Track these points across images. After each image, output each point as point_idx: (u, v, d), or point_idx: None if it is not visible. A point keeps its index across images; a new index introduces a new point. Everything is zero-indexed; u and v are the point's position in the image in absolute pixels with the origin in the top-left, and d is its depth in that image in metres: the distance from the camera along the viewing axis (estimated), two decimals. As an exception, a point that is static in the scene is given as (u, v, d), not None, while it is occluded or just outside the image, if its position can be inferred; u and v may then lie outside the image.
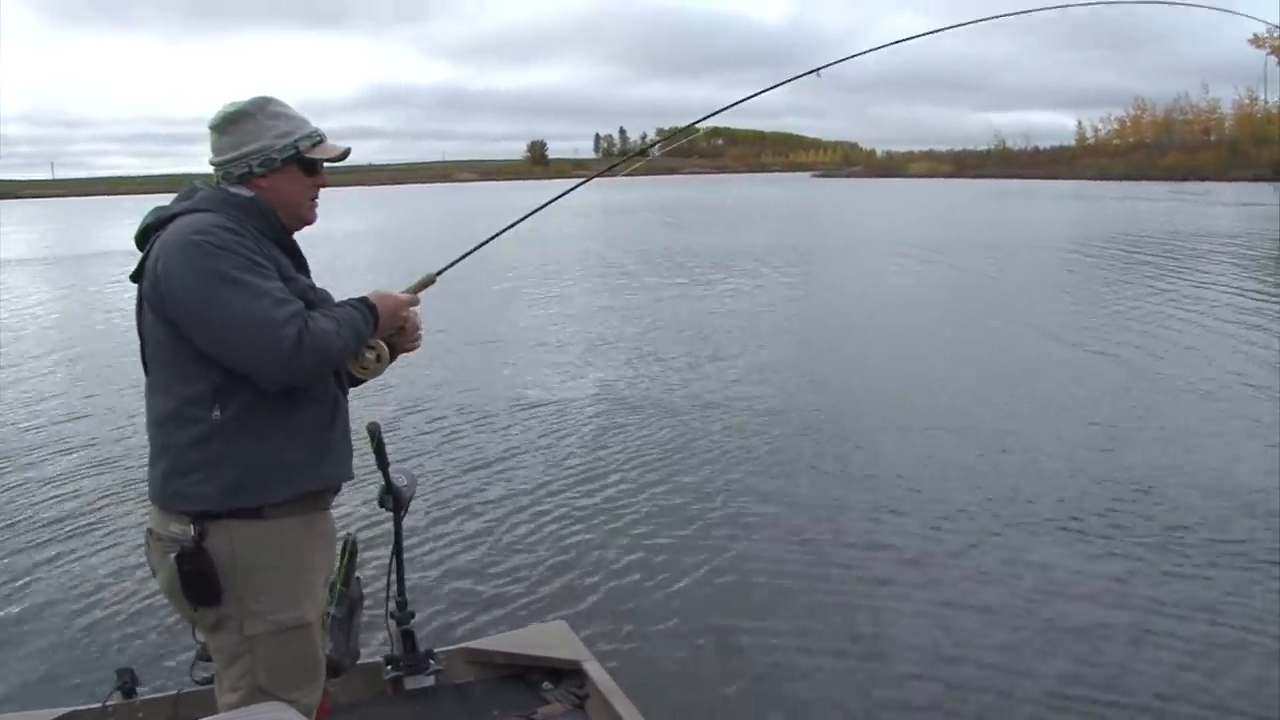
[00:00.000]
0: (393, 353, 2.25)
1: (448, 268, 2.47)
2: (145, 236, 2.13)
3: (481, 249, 2.60)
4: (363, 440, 2.55)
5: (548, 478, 6.40)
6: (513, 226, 2.69)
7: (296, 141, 2.16)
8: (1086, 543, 5.07)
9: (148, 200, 2.61)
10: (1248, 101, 78.31)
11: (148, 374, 2.13)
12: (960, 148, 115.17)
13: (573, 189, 2.98)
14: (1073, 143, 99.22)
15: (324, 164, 2.23)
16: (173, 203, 2.15)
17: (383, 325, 2.20)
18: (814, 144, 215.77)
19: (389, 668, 3.12)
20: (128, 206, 56.06)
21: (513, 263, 19.80)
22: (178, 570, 2.03)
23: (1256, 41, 66.07)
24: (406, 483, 3.01)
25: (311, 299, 2.12)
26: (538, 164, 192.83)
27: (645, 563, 4.98)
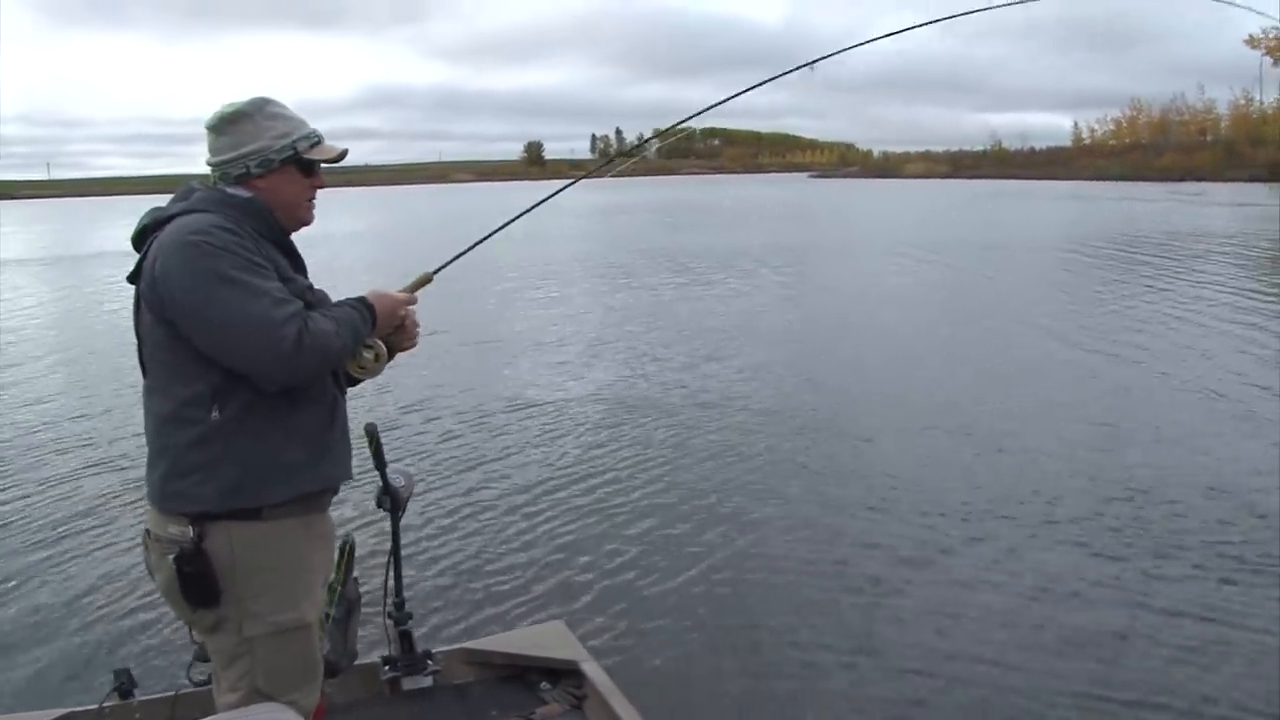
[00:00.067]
0: (391, 352, 2.24)
1: (444, 266, 2.47)
2: (142, 237, 2.12)
3: (479, 249, 2.60)
4: (360, 441, 2.55)
5: (545, 477, 6.40)
6: (507, 225, 2.69)
7: (295, 142, 2.15)
8: (1083, 542, 5.07)
9: (144, 201, 2.61)
10: (1243, 102, 78.79)
11: (146, 375, 2.13)
12: (957, 148, 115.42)
13: (563, 188, 2.97)
14: (1069, 143, 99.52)
15: (321, 165, 2.23)
16: (170, 203, 2.14)
17: (380, 324, 2.20)
18: (811, 144, 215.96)
19: (386, 668, 3.12)
20: (124, 207, 55.93)
21: (511, 263, 19.79)
22: (177, 572, 2.02)
23: (1252, 42, 66.44)
24: (404, 483, 3.01)
25: (310, 299, 2.12)
26: (534, 164, 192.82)
27: (643, 563, 4.98)
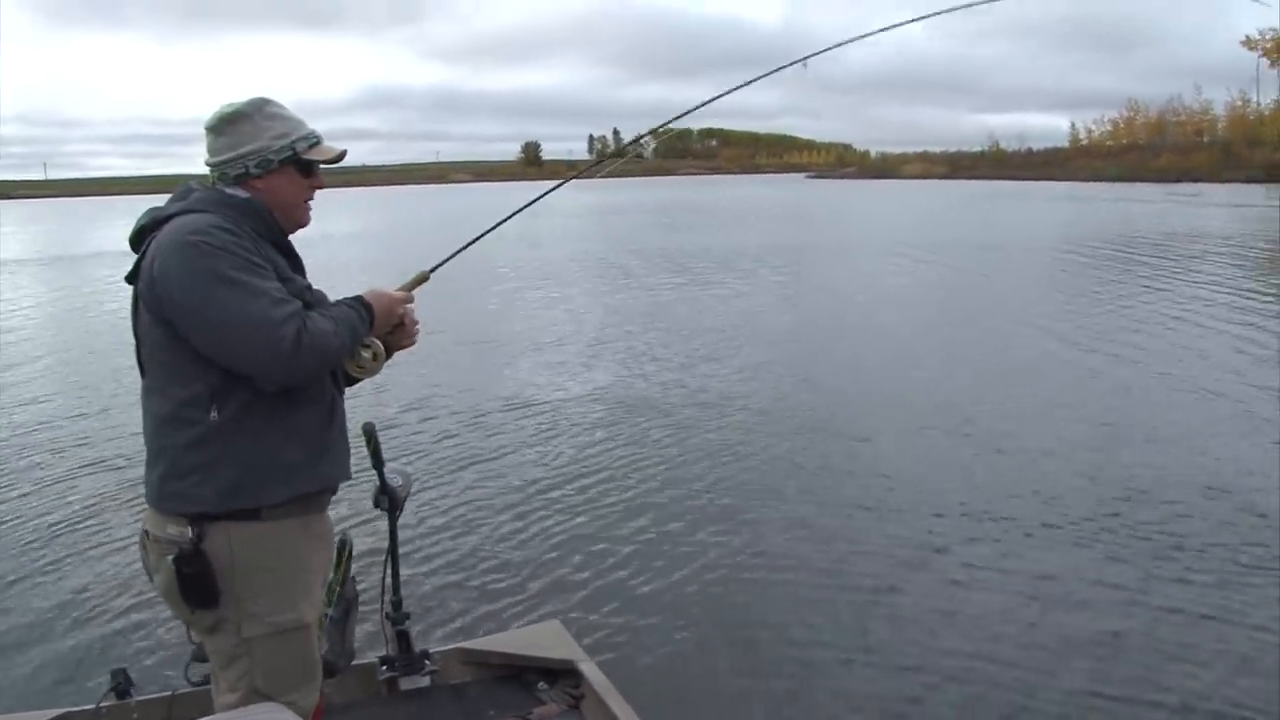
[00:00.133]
0: (389, 351, 2.24)
1: (441, 264, 2.47)
2: (140, 238, 2.12)
3: (476, 250, 2.60)
4: (358, 440, 2.55)
5: (543, 477, 6.40)
6: (502, 224, 2.69)
7: (294, 143, 2.15)
8: (1081, 541, 5.08)
9: (141, 201, 2.61)
10: (1240, 103, 78.85)
11: (144, 376, 2.13)
12: (954, 149, 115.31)
13: (554, 188, 2.95)
14: (1066, 144, 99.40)
15: (320, 165, 2.23)
16: (168, 203, 2.14)
17: (378, 323, 2.20)
18: (808, 145, 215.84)
19: (384, 668, 3.12)
20: (121, 207, 55.94)
21: (509, 264, 19.79)
22: (176, 572, 2.02)
23: (1249, 44, 66.59)
24: (401, 483, 3.01)
25: (308, 299, 2.12)
26: (532, 165, 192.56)
27: (640, 562, 4.99)
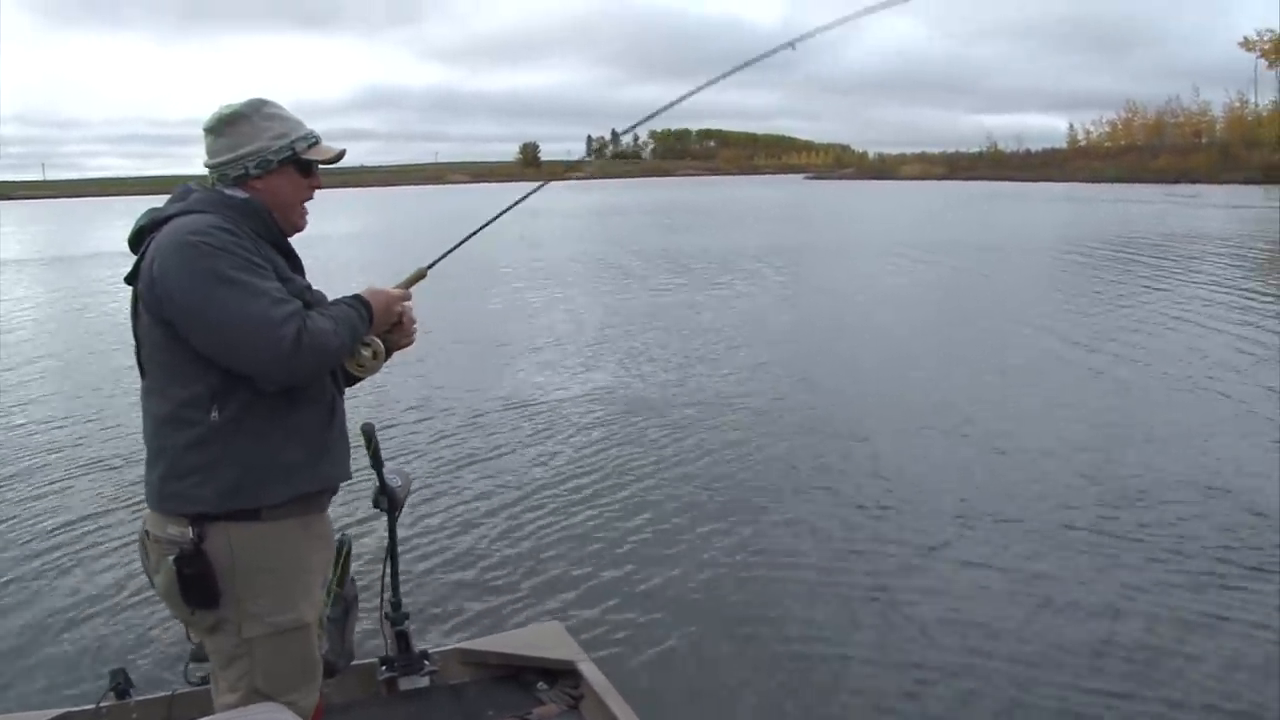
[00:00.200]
0: (388, 350, 2.24)
1: (438, 260, 2.47)
2: (139, 238, 2.12)
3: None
4: (357, 440, 2.56)
5: (542, 476, 6.40)
6: (497, 218, 2.69)
7: (293, 143, 2.16)
8: (1080, 541, 5.08)
9: (139, 202, 2.61)
10: (1238, 104, 78.87)
11: (144, 376, 2.13)
12: (953, 150, 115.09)
13: (539, 188, 2.95)
14: (1064, 145, 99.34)
15: (319, 165, 2.23)
16: (167, 204, 2.15)
17: (377, 322, 2.20)
18: (806, 146, 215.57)
19: (383, 668, 3.12)
20: (120, 208, 55.90)
21: (508, 264, 19.80)
22: (176, 573, 2.02)
23: (1247, 45, 66.71)
24: (401, 483, 3.01)
25: (308, 299, 2.12)
26: (530, 165, 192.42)
27: (639, 562, 4.99)
